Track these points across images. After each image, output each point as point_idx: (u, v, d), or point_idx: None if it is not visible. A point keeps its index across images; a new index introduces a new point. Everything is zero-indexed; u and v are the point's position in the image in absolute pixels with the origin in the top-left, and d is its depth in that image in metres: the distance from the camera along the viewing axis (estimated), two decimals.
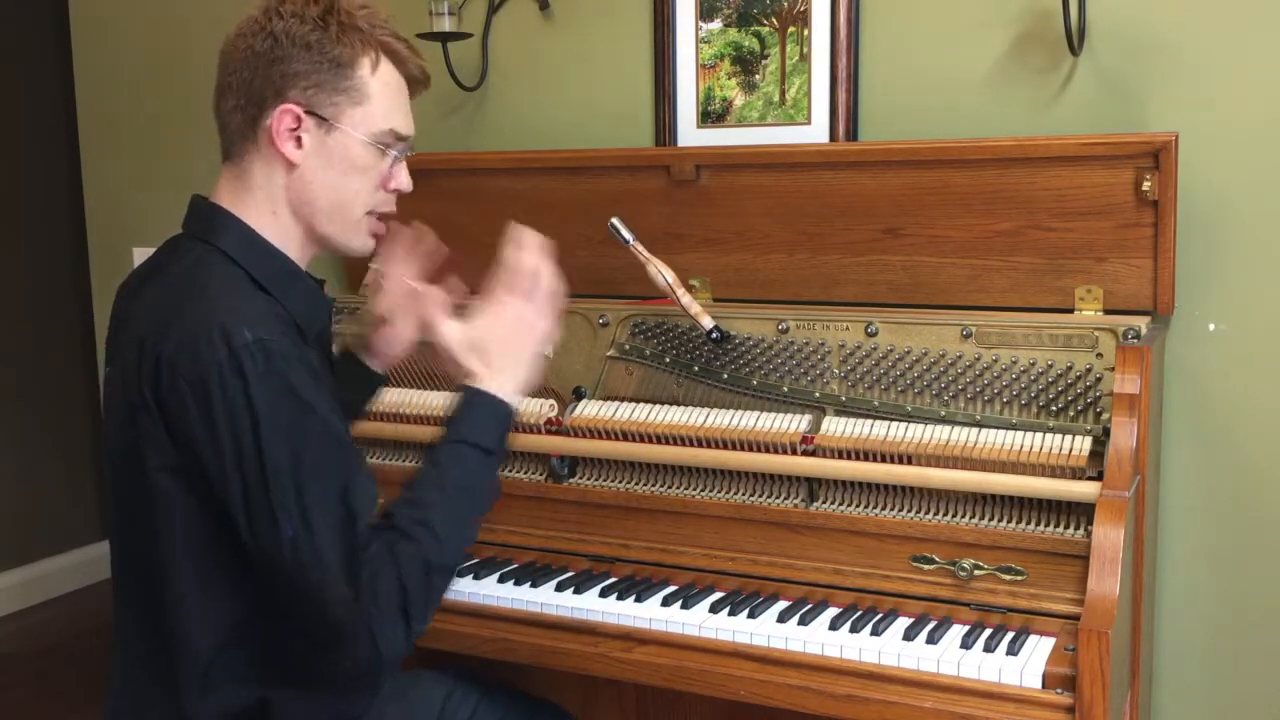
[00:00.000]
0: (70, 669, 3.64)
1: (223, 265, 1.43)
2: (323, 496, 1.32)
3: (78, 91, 2.99)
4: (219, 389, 1.30)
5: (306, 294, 1.48)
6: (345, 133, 1.44)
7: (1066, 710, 1.51)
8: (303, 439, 1.32)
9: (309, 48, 1.42)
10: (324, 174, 1.45)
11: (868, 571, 1.79)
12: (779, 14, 2.21)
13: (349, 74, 1.43)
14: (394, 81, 1.48)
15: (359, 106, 1.44)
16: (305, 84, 1.42)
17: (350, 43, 1.43)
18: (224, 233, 1.45)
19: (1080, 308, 1.93)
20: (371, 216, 1.51)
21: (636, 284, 2.08)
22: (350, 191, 1.46)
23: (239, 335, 1.30)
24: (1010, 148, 1.92)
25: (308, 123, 1.43)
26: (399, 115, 1.48)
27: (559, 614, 1.80)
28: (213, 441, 1.31)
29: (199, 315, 1.34)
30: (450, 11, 2.33)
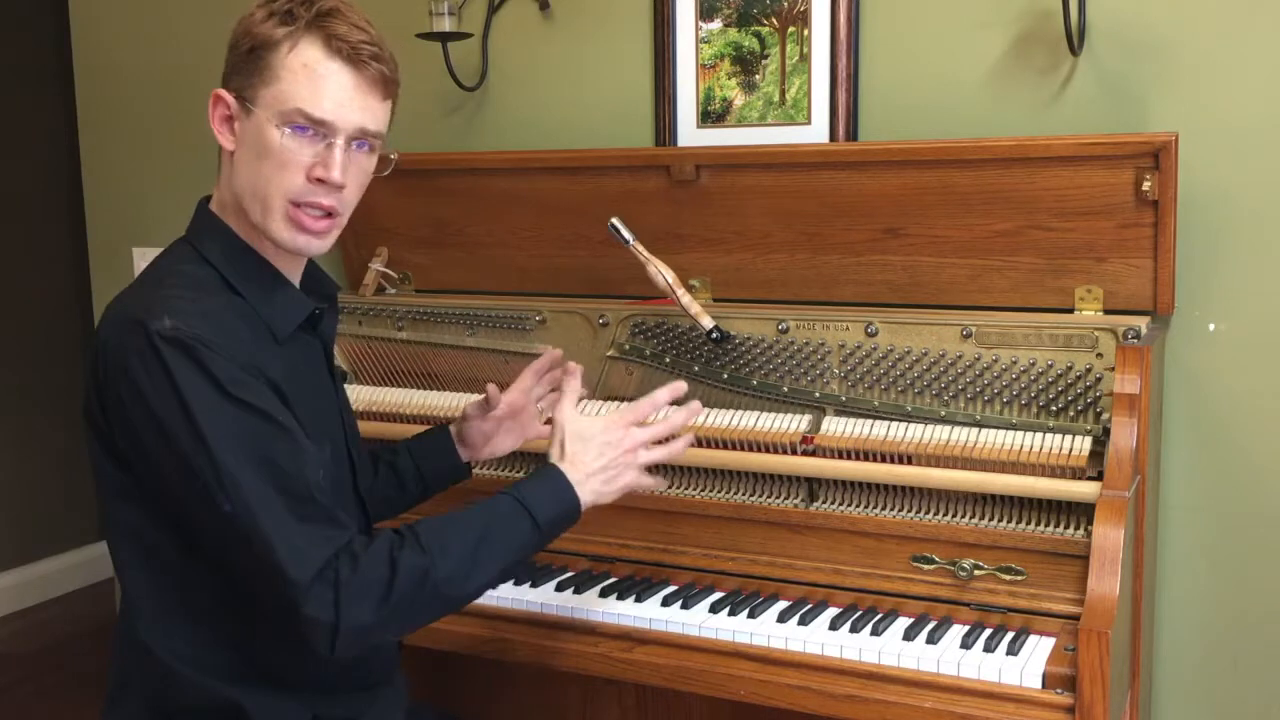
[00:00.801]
0: (70, 669, 3.64)
1: (192, 264, 1.45)
2: (254, 475, 1.33)
3: (78, 91, 2.99)
4: (143, 374, 1.33)
5: (278, 293, 1.47)
6: (257, 114, 1.41)
7: (1066, 710, 1.51)
8: (227, 421, 1.33)
9: (244, 34, 1.42)
10: (246, 158, 1.43)
11: (868, 571, 1.79)
12: (779, 14, 2.21)
13: (264, 55, 1.40)
14: (315, 63, 1.40)
15: (269, 87, 1.40)
16: (231, 68, 1.43)
17: (274, 24, 1.40)
18: (204, 233, 1.48)
19: (1080, 308, 1.93)
20: (296, 206, 1.42)
21: (636, 284, 2.08)
22: (264, 176, 1.41)
23: (157, 323, 1.32)
24: (1010, 148, 1.92)
25: (235, 107, 1.43)
26: (312, 95, 1.39)
27: (559, 614, 1.80)
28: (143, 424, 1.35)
29: (136, 305, 1.37)
30: (450, 11, 2.33)
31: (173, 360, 1.32)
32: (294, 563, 1.31)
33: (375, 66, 1.43)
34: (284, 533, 1.32)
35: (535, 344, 2.18)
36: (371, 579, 1.33)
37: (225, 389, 1.33)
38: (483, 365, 2.21)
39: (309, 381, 1.51)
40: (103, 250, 3.01)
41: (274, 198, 1.41)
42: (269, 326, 1.45)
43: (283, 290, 1.48)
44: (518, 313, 2.20)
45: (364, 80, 1.42)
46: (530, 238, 2.31)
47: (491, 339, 2.22)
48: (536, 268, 2.32)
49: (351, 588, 1.32)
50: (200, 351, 1.32)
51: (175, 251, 1.49)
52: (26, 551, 4.21)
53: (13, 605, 4.14)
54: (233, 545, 1.34)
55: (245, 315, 1.43)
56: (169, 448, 1.34)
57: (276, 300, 1.47)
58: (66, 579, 4.30)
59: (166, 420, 1.33)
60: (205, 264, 1.44)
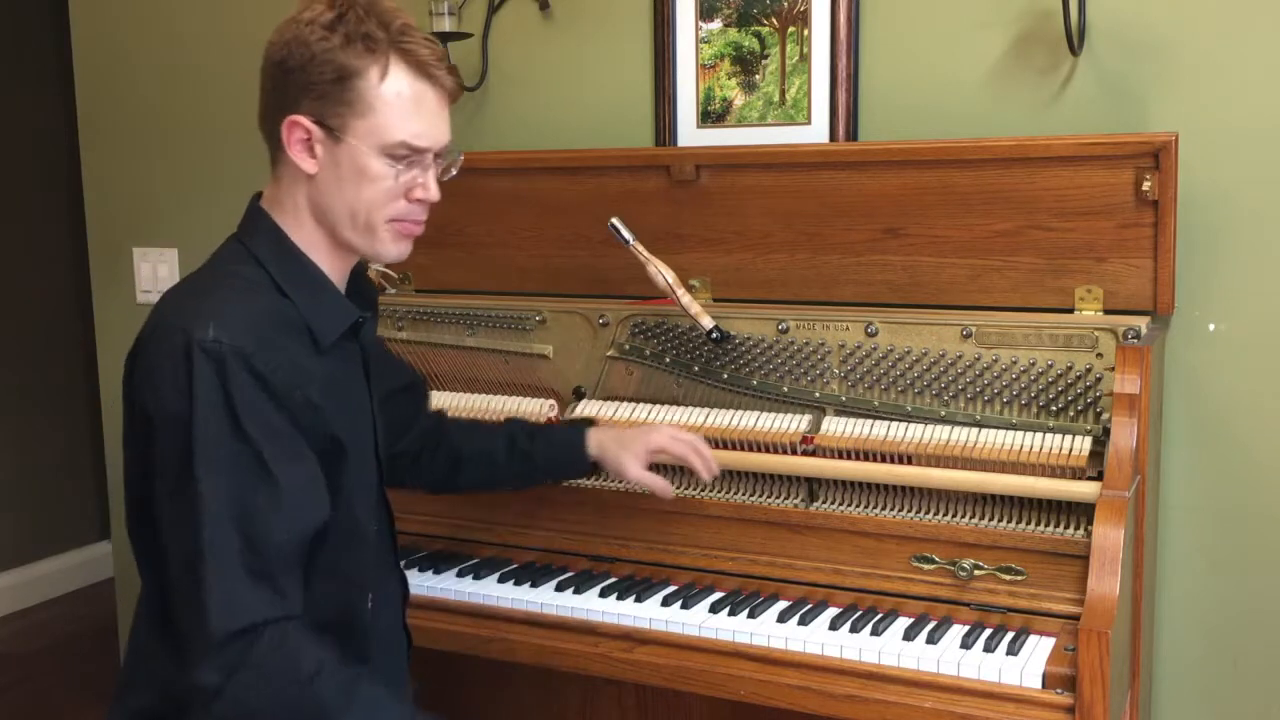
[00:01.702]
0: (70, 669, 3.64)
1: (246, 265, 1.46)
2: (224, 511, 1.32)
3: (78, 91, 2.99)
4: (169, 375, 1.34)
5: (326, 300, 1.49)
6: (353, 145, 1.41)
7: (1066, 710, 1.51)
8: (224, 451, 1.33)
9: (314, 58, 1.39)
10: (338, 184, 1.44)
11: (868, 571, 1.78)
12: (779, 14, 2.21)
13: (352, 85, 1.40)
14: (408, 90, 1.42)
15: (363, 119, 1.41)
16: (312, 95, 1.41)
17: (356, 52, 1.39)
18: (258, 234, 1.49)
19: (1080, 308, 1.93)
20: (397, 224, 1.48)
21: (636, 284, 2.08)
22: (364, 202, 1.44)
23: (199, 331, 1.34)
24: (1010, 148, 1.92)
25: (317, 133, 1.42)
26: (413, 125, 1.43)
27: (559, 614, 1.80)
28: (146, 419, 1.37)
29: (185, 310, 1.39)
30: (450, 11, 2.33)
31: (200, 372, 1.33)
32: (220, 611, 1.30)
33: (451, 80, 1.48)
34: (226, 578, 1.31)
35: (535, 344, 2.18)
36: (279, 671, 1.31)
37: (237, 417, 1.33)
38: (483, 365, 2.21)
39: (347, 388, 1.53)
40: (103, 250, 3.01)
41: (377, 220, 1.45)
42: (313, 333, 1.46)
43: (329, 297, 1.49)
44: (518, 313, 2.20)
45: (445, 96, 1.47)
46: (530, 238, 2.31)
47: (491, 339, 2.22)
48: (536, 268, 2.32)
49: (257, 667, 1.30)
50: (232, 367, 1.33)
51: (228, 251, 1.50)
52: (26, 551, 4.22)
53: (13, 605, 4.14)
54: (175, 564, 1.34)
55: (291, 320, 1.44)
56: (156, 450, 1.35)
57: (323, 307, 1.48)
58: (66, 579, 4.31)
59: (169, 424, 1.34)
60: (256, 264, 1.46)
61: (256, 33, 2.73)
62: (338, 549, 1.49)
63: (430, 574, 1.93)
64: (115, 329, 2.99)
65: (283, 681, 1.31)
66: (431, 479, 1.86)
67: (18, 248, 4.17)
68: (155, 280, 2.92)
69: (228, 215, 2.82)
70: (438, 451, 1.85)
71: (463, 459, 1.85)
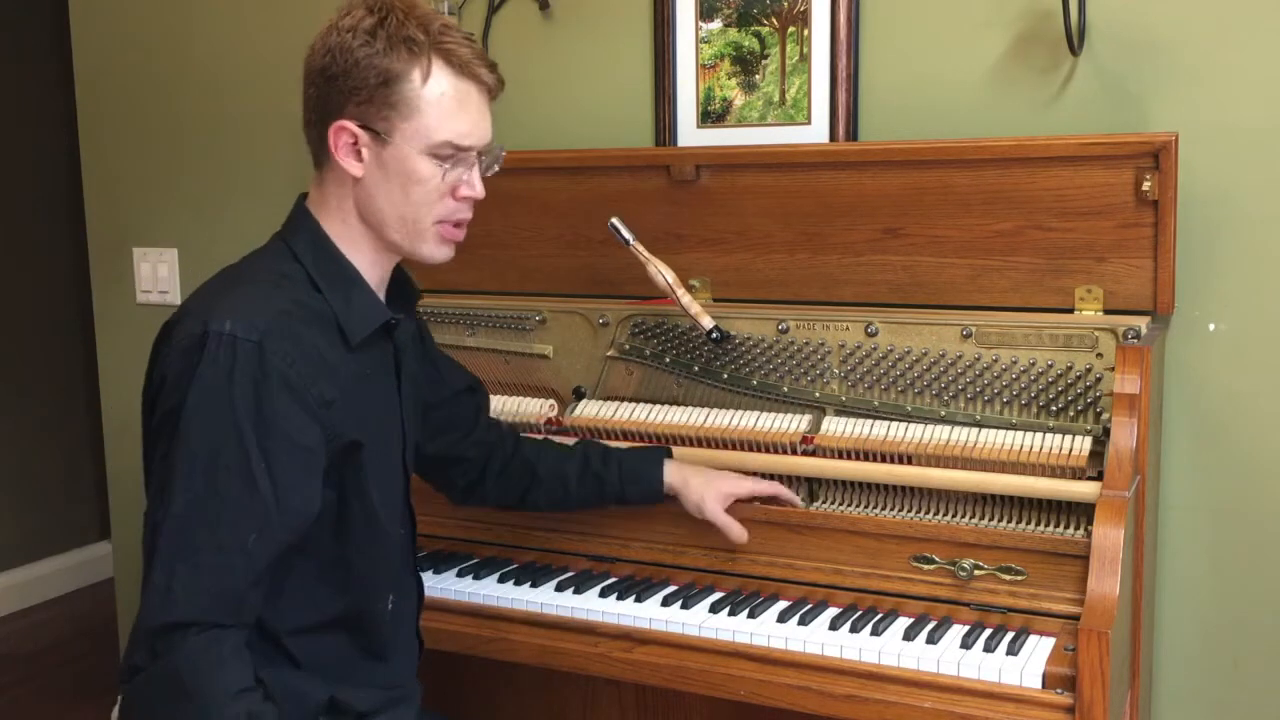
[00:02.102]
0: (70, 669, 3.64)
1: (281, 262, 1.49)
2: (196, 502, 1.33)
3: (78, 91, 2.99)
4: (177, 360, 1.36)
5: (358, 299, 1.50)
6: (399, 146, 1.44)
7: (1066, 710, 1.51)
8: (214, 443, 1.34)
9: (357, 64, 1.42)
10: (385, 186, 1.46)
11: (868, 571, 1.78)
12: (779, 14, 2.21)
13: (397, 88, 1.42)
14: (451, 89, 1.44)
15: (409, 120, 1.43)
16: (357, 99, 1.43)
17: (398, 55, 1.41)
18: (300, 233, 1.51)
19: (1080, 308, 1.93)
20: (444, 224, 1.50)
21: (636, 284, 2.08)
22: (412, 204, 1.47)
23: (216, 323, 1.35)
24: (1010, 148, 1.92)
25: (364, 137, 1.44)
26: (457, 124, 1.45)
27: (559, 614, 1.80)
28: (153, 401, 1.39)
29: (207, 304, 1.41)
30: (450, 11, 2.34)
31: (209, 359, 1.34)
32: (159, 600, 1.31)
33: (492, 76, 1.49)
34: (173, 570, 1.32)
35: (535, 344, 2.18)
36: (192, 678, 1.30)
37: (235, 411, 1.34)
38: (483, 365, 2.21)
39: (376, 392, 1.54)
40: (103, 250, 3.01)
41: (425, 221, 1.48)
42: (343, 330, 1.47)
43: (363, 296, 1.51)
44: (518, 313, 2.20)
45: (485, 92, 1.49)
46: (530, 238, 2.31)
47: (491, 339, 2.22)
48: (536, 268, 2.32)
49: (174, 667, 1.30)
50: (240, 361, 1.34)
51: (269, 248, 1.53)
52: (26, 551, 4.21)
53: (13, 605, 4.14)
54: (143, 543, 1.36)
55: (321, 315, 1.46)
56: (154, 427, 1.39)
57: (354, 306, 1.49)
58: (66, 579, 4.30)
59: (167, 408, 1.36)
60: (294, 261, 1.48)
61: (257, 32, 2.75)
62: (359, 547, 1.51)
63: (430, 574, 1.93)
64: (115, 329, 2.99)
65: (190, 691, 1.30)
66: (500, 496, 1.88)
67: (18, 248, 4.17)
68: (155, 280, 2.92)
69: (228, 215, 2.85)
70: (509, 467, 1.86)
71: (536, 479, 1.86)
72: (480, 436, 1.86)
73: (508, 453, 1.87)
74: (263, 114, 2.72)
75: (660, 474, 1.85)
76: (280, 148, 2.69)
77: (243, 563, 1.35)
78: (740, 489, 1.83)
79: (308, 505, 1.41)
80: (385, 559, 1.56)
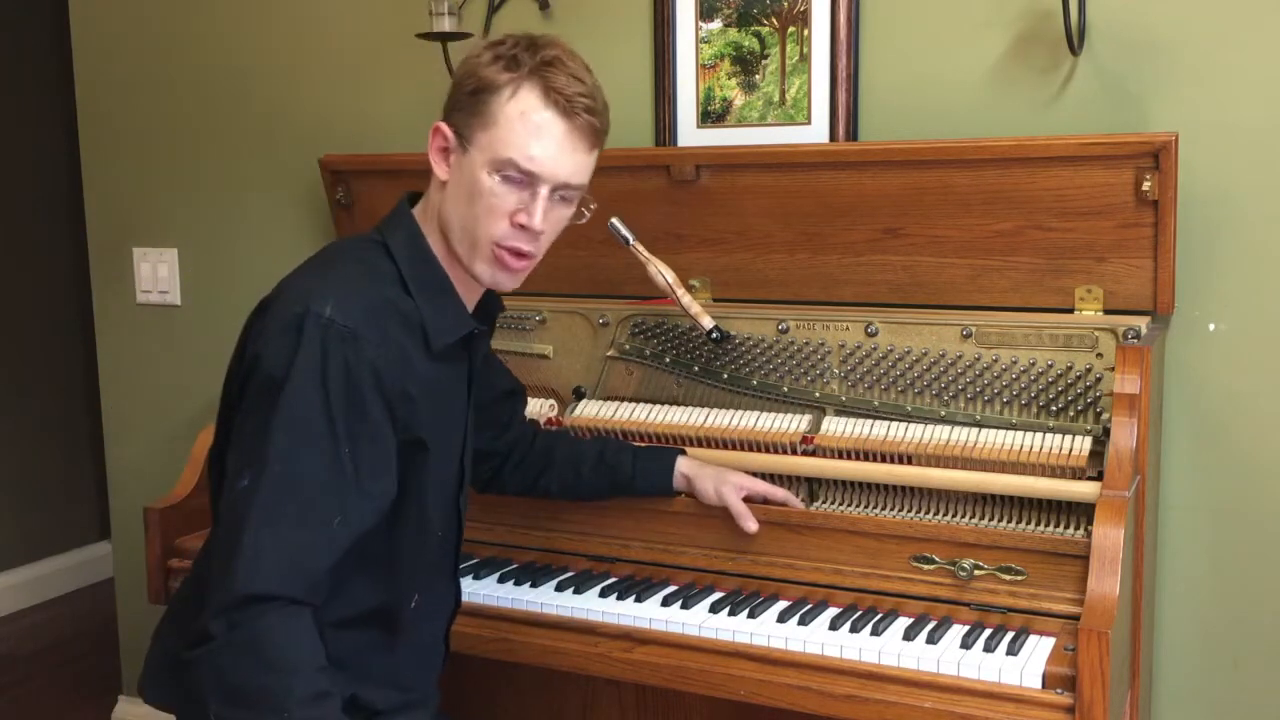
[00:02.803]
0: (70, 669, 3.64)
1: (376, 258, 1.51)
2: (285, 476, 1.35)
3: (78, 91, 2.99)
4: (277, 338, 1.38)
5: (448, 307, 1.52)
6: (473, 155, 1.46)
7: (1066, 710, 1.51)
8: (308, 419, 1.37)
9: (469, 74, 1.48)
10: (458, 194, 1.49)
11: (867, 571, 1.78)
12: (779, 14, 2.21)
13: (485, 98, 1.45)
14: (531, 112, 1.45)
15: (486, 131, 1.45)
16: (455, 105, 1.49)
17: (498, 69, 1.45)
18: (397, 230, 1.53)
19: (1080, 308, 1.93)
20: (500, 248, 1.49)
21: (636, 284, 2.08)
22: (472, 216, 1.47)
23: (317, 305, 1.38)
24: (1010, 148, 1.92)
25: (452, 141, 1.48)
26: (526, 147, 1.45)
27: (559, 614, 1.80)
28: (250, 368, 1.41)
29: (306, 284, 1.44)
30: (450, 11, 2.33)
31: (307, 343, 1.37)
32: (247, 570, 1.32)
33: (586, 119, 1.49)
34: (263, 541, 1.33)
35: (535, 344, 2.18)
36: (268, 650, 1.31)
37: (329, 394, 1.37)
38: None
39: (447, 397, 1.56)
40: (103, 250, 3.01)
41: (481, 238, 1.48)
42: (427, 334, 1.49)
43: (452, 305, 1.53)
44: (518, 313, 2.20)
45: (574, 131, 1.48)
46: None
47: (491, 339, 2.22)
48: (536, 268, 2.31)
49: (252, 638, 1.31)
50: (336, 347, 1.37)
51: (365, 239, 1.55)
52: (26, 551, 4.21)
53: (13, 605, 4.14)
54: (224, 509, 1.38)
55: (409, 316, 1.48)
56: (246, 399, 1.40)
57: (443, 313, 1.52)
58: (66, 579, 4.30)
59: (265, 378, 1.38)
60: (389, 258, 1.51)
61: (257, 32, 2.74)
62: (406, 546, 1.53)
63: None
64: (115, 329, 2.99)
65: (272, 661, 1.32)
66: (516, 483, 1.91)
67: (18, 248, 4.17)
68: (155, 280, 2.92)
69: (228, 216, 2.85)
70: (527, 458, 1.90)
71: (550, 464, 1.90)
72: (513, 434, 1.91)
73: (527, 444, 1.92)
74: (264, 114, 2.72)
75: (672, 466, 1.87)
76: (281, 148, 2.69)
77: (326, 543, 1.37)
78: (755, 485, 1.85)
79: (385, 494, 1.44)
80: (423, 557, 1.59)
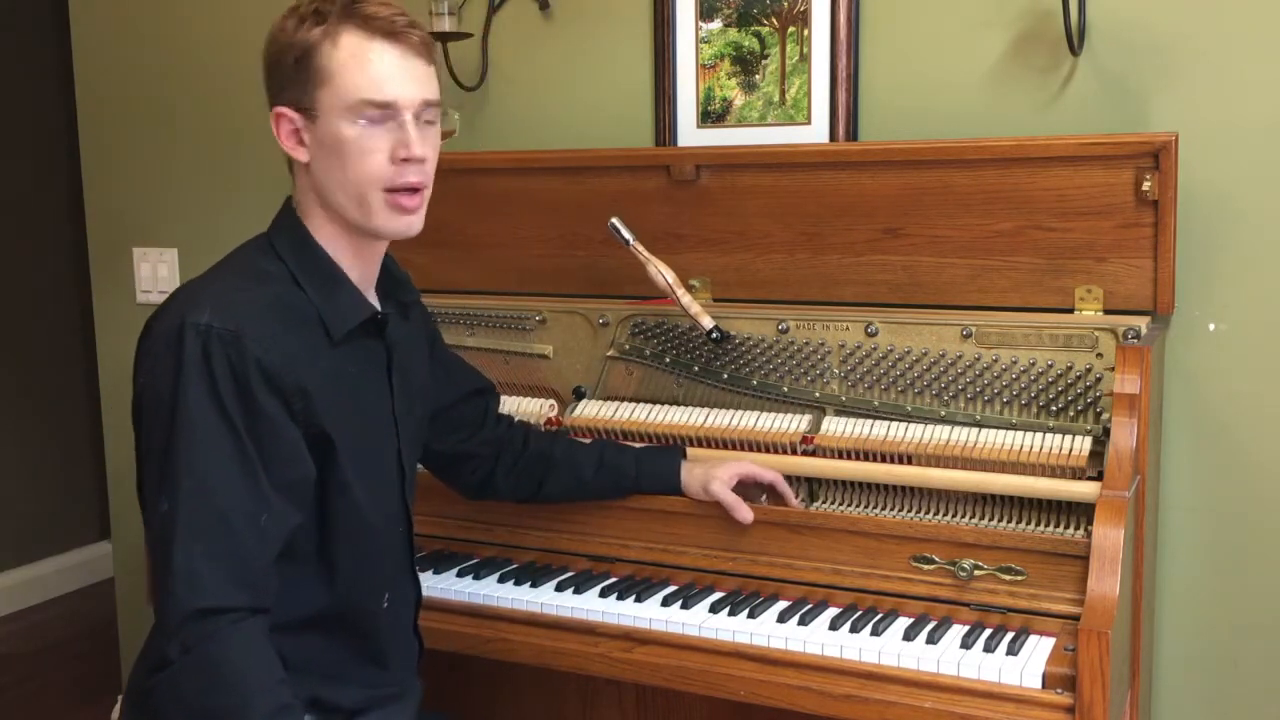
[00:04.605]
0: (70, 669, 3.64)
1: (264, 260, 1.49)
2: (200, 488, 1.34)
3: (78, 91, 2.99)
4: (161, 356, 1.37)
5: (340, 295, 1.50)
6: (325, 117, 1.43)
7: (1066, 710, 1.51)
8: (206, 428, 1.35)
9: (280, 49, 1.44)
10: (327, 164, 1.45)
11: (867, 571, 1.78)
12: (779, 14, 2.21)
13: (312, 60, 1.42)
14: (361, 49, 1.42)
15: (325, 88, 1.42)
16: (282, 83, 1.45)
17: (307, 29, 1.42)
18: (281, 230, 1.52)
19: (1080, 308, 1.93)
20: (393, 193, 1.45)
21: (636, 284, 2.08)
22: (352, 174, 1.44)
23: (194, 315, 1.37)
24: (1010, 148, 1.92)
25: (299, 120, 1.45)
26: (369, 82, 1.41)
27: (559, 614, 1.80)
28: (140, 396, 1.40)
29: (188, 298, 1.42)
30: (450, 11, 2.33)
31: (189, 354, 1.35)
32: (184, 588, 1.32)
33: (414, 34, 1.46)
34: (193, 556, 1.33)
35: (535, 344, 2.18)
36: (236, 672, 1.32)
37: (220, 398, 1.36)
38: (483, 365, 2.20)
39: (361, 385, 1.54)
40: (103, 250, 3.01)
41: (368, 190, 1.44)
42: (326, 326, 1.47)
43: (345, 292, 1.51)
44: (518, 313, 2.20)
45: (408, 50, 1.45)
46: (530, 238, 2.31)
47: (491, 339, 2.22)
48: (536, 268, 2.32)
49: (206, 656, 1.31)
50: (218, 350, 1.36)
51: (252, 244, 1.54)
52: (26, 551, 4.21)
53: (13, 605, 4.14)
54: (151, 537, 1.37)
55: (301, 311, 1.46)
56: (144, 427, 1.39)
57: (338, 301, 1.49)
58: (66, 579, 4.30)
59: (155, 401, 1.37)
60: (276, 258, 1.49)
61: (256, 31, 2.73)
62: (345, 545, 1.50)
63: (430, 574, 1.93)
64: (115, 329, 2.99)
65: (229, 682, 1.32)
66: (514, 489, 1.89)
67: (18, 248, 4.17)
68: (155, 280, 2.92)
69: (228, 216, 2.85)
70: (521, 461, 1.87)
71: (552, 468, 1.87)
72: (489, 435, 1.87)
73: (518, 447, 1.88)
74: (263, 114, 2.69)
75: (678, 464, 1.87)
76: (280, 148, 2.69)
77: (256, 542, 1.36)
78: (744, 470, 1.84)
79: (305, 480, 1.43)
80: (379, 557, 1.56)
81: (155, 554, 1.36)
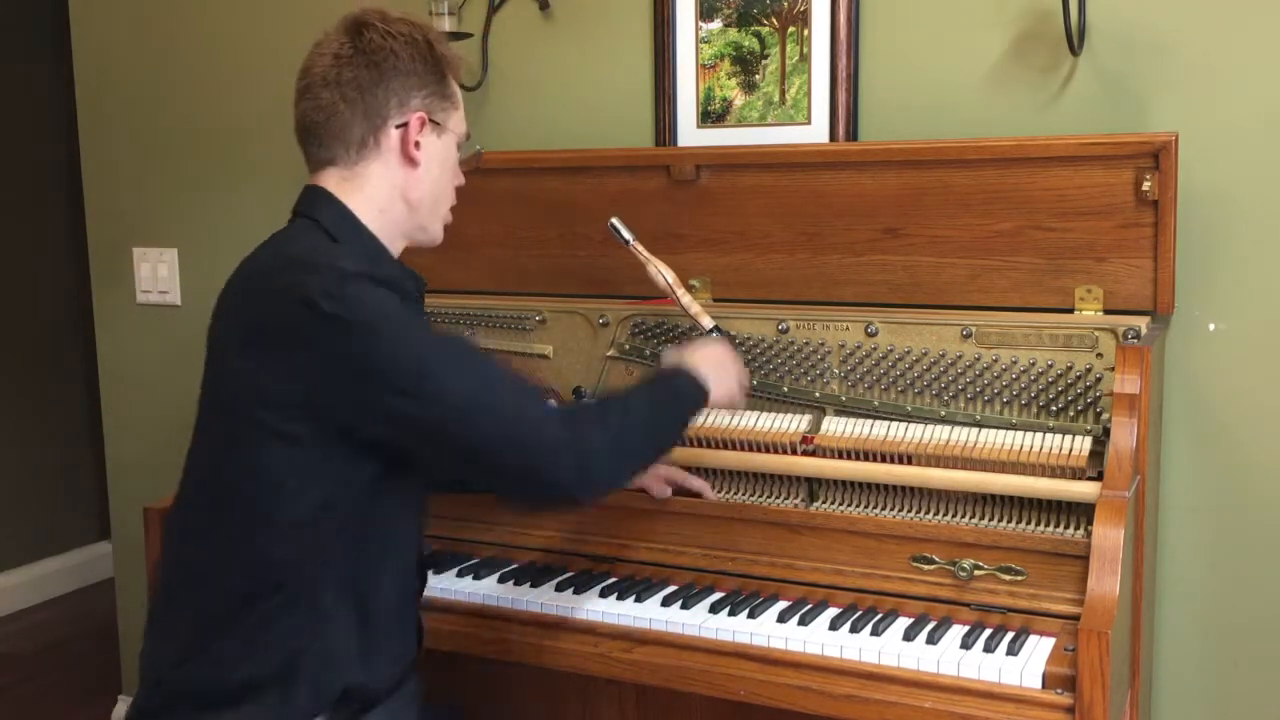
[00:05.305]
0: (70, 669, 3.64)
1: (320, 237, 1.55)
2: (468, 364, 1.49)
3: (78, 91, 2.99)
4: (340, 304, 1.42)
5: (397, 266, 1.61)
6: (450, 135, 1.63)
7: (1066, 710, 1.51)
8: (422, 326, 1.54)
9: (424, 61, 1.58)
10: (434, 173, 1.61)
11: (867, 572, 1.78)
12: (779, 14, 2.21)
13: (449, 83, 1.62)
14: (457, 87, 1.66)
15: (455, 111, 1.63)
16: (425, 93, 1.58)
17: (440, 56, 1.60)
18: (327, 211, 1.57)
19: (1080, 308, 1.93)
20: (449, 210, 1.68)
21: (636, 284, 2.08)
22: (445, 187, 1.65)
23: (345, 264, 1.46)
24: (1010, 148, 1.92)
25: (427, 128, 1.59)
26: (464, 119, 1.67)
27: (559, 614, 1.80)
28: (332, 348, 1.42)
29: (304, 257, 1.49)
30: (450, 11, 2.33)
31: (359, 290, 1.43)
32: (526, 422, 1.47)
33: None
34: (512, 405, 1.47)
35: (535, 344, 2.18)
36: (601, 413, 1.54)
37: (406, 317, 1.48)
38: None
39: None
40: (103, 250, 3.01)
41: (446, 203, 1.67)
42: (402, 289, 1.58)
43: (396, 263, 1.63)
44: (518, 313, 2.20)
45: None
46: (530, 238, 2.31)
47: (491, 339, 2.22)
48: (536, 268, 2.32)
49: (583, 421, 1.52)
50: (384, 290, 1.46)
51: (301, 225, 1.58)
52: (26, 551, 4.21)
53: (13, 605, 4.14)
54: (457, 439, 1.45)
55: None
56: (375, 364, 1.42)
57: (396, 270, 1.61)
58: (66, 579, 4.31)
59: (372, 338, 1.42)
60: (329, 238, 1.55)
61: (256, 32, 2.74)
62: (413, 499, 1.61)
63: (430, 574, 1.93)
64: (115, 329, 2.99)
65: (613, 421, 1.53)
66: None
67: (18, 248, 4.17)
68: (155, 280, 2.92)
69: (228, 215, 2.85)
70: None
71: None
72: None
73: None
74: (263, 114, 2.72)
75: None
76: (280, 148, 2.68)
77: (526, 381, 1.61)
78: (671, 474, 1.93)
79: None
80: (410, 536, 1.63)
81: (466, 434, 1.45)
